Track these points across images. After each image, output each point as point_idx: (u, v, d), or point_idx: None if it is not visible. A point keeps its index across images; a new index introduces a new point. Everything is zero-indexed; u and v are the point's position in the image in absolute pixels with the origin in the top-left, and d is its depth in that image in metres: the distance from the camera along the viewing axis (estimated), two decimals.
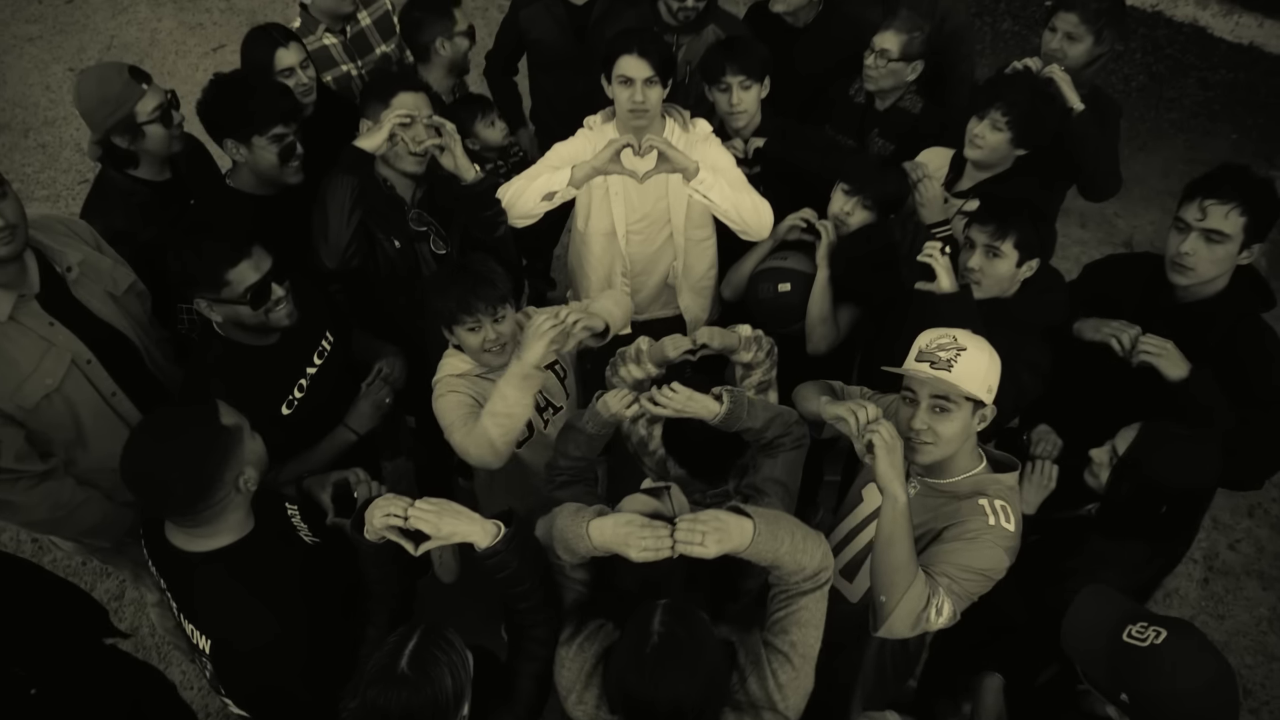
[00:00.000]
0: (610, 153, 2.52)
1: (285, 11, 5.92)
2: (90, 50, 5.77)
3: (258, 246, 2.14)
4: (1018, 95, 2.58)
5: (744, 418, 2.00)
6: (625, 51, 2.49)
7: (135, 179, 2.57)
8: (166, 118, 2.50)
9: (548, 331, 2.08)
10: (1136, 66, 5.40)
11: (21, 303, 2.14)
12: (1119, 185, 2.92)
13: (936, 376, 1.90)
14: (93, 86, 2.48)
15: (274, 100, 2.51)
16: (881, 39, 2.88)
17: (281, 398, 2.30)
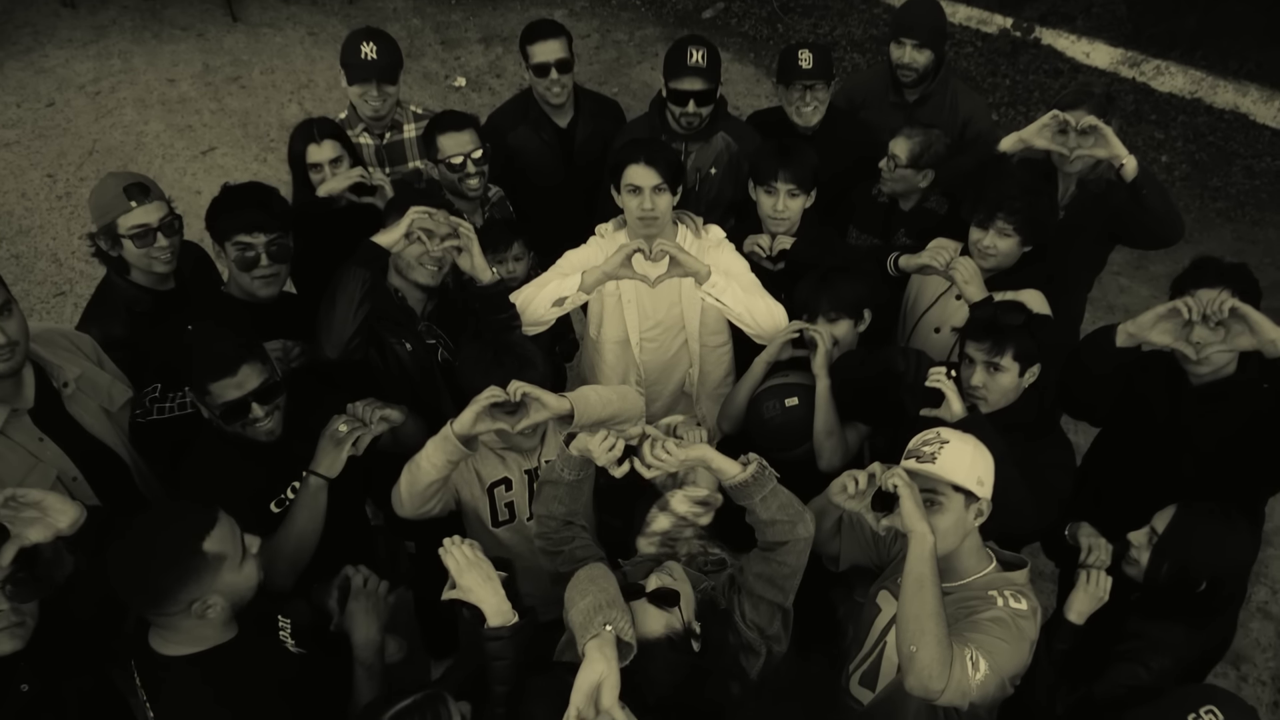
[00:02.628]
0: (622, 257, 2.72)
1: (280, 113, 6.36)
2: (71, 155, 6.09)
3: (248, 364, 2.30)
4: (1018, 201, 2.83)
5: (758, 497, 2.07)
6: (632, 160, 2.74)
7: (138, 286, 2.79)
8: (145, 238, 2.71)
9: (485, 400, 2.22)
10: (1179, 155, 5.72)
11: (13, 417, 2.32)
12: (1183, 224, 3.14)
13: (921, 469, 2.08)
14: (98, 187, 2.79)
15: (239, 209, 2.71)
16: (894, 144, 3.18)
17: (271, 496, 2.44)
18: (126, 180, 2.75)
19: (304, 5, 7.34)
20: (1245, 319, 2.29)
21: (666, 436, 2.10)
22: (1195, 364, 2.42)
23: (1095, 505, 2.56)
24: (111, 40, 7.01)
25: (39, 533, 1.98)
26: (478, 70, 6.78)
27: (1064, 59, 6.38)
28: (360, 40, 3.29)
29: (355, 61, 3.27)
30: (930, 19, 3.54)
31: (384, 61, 3.28)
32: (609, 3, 7.42)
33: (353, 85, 3.29)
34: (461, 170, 3.13)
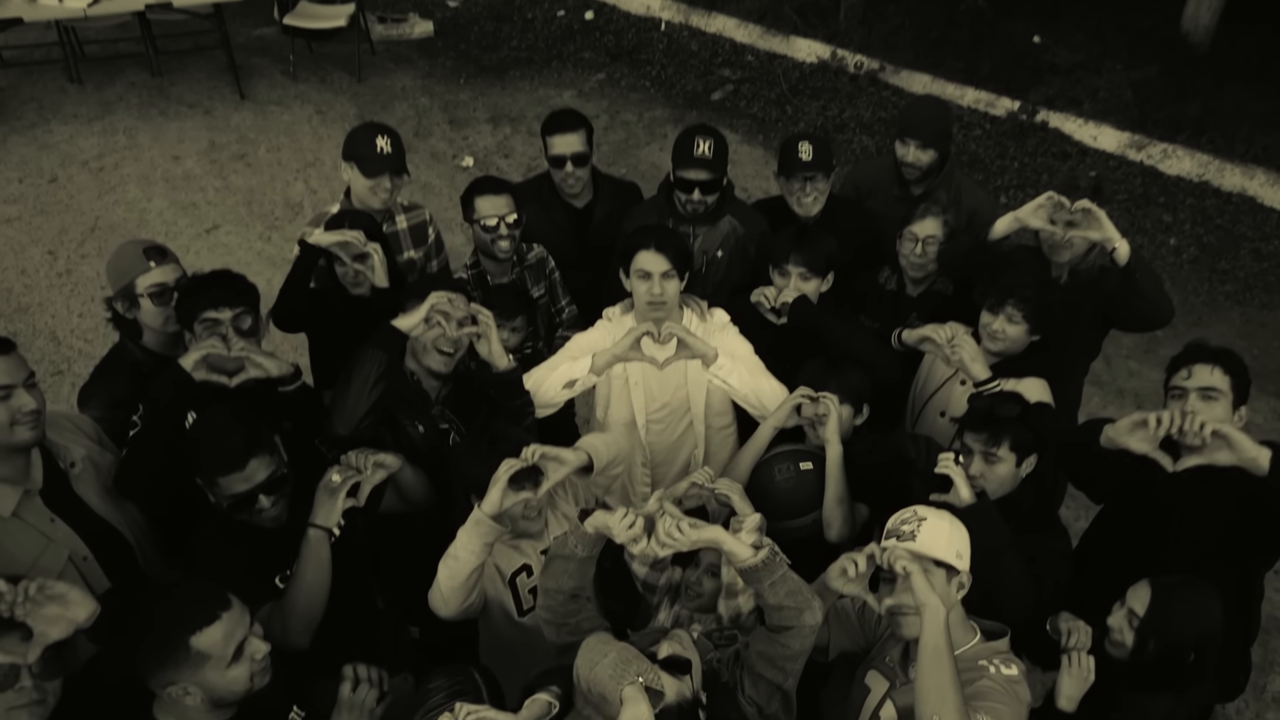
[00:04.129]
0: (631, 340, 2.96)
1: (286, 191, 6.67)
2: (73, 232, 6.34)
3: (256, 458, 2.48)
4: (1027, 289, 3.05)
5: (767, 582, 2.20)
6: (643, 247, 2.99)
7: (147, 350, 3.00)
8: (162, 297, 2.96)
9: (504, 473, 2.40)
10: (1187, 237, 6.00)
11: (25, 498, 2.49)
12: (1172, 305, 3.35)
13: (905, 548, 2.30)
14: (115, 253, 3.05)
15: (204, 288, 2.89)
16: (921, 227, 3.41)
17: (276, 571, 2.60)
18: (145, 244, 3.03)
19: (312, 83, 7.72)
20: (1226, 439, 2.46)
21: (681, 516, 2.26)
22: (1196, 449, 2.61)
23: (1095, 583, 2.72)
24: (117, 116, 7.35)
25: (60, 630, 2.11)
26: (485, 150, 7.12)
27: (1071, 142, 6.73)
28: (375, 134, 3.50)
29: (370, 155, 3.47)
30: (934, 121, 3.79)
31: (397, 154, 3.52)
32: (618, 84, 7.82)
33: (368, 179, 3.49)
34: (494, 232, 3.47)
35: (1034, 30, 7.33)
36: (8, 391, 2.37)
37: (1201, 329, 5.33)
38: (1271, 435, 4.80)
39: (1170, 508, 2.71)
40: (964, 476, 2.69)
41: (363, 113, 7.40)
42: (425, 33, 8.35)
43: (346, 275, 3.24)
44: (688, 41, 8.07)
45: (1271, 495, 2.45)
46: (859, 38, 7.61)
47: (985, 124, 7.01)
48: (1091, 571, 2.89)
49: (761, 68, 7.75)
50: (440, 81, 7.86)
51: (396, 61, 8.04)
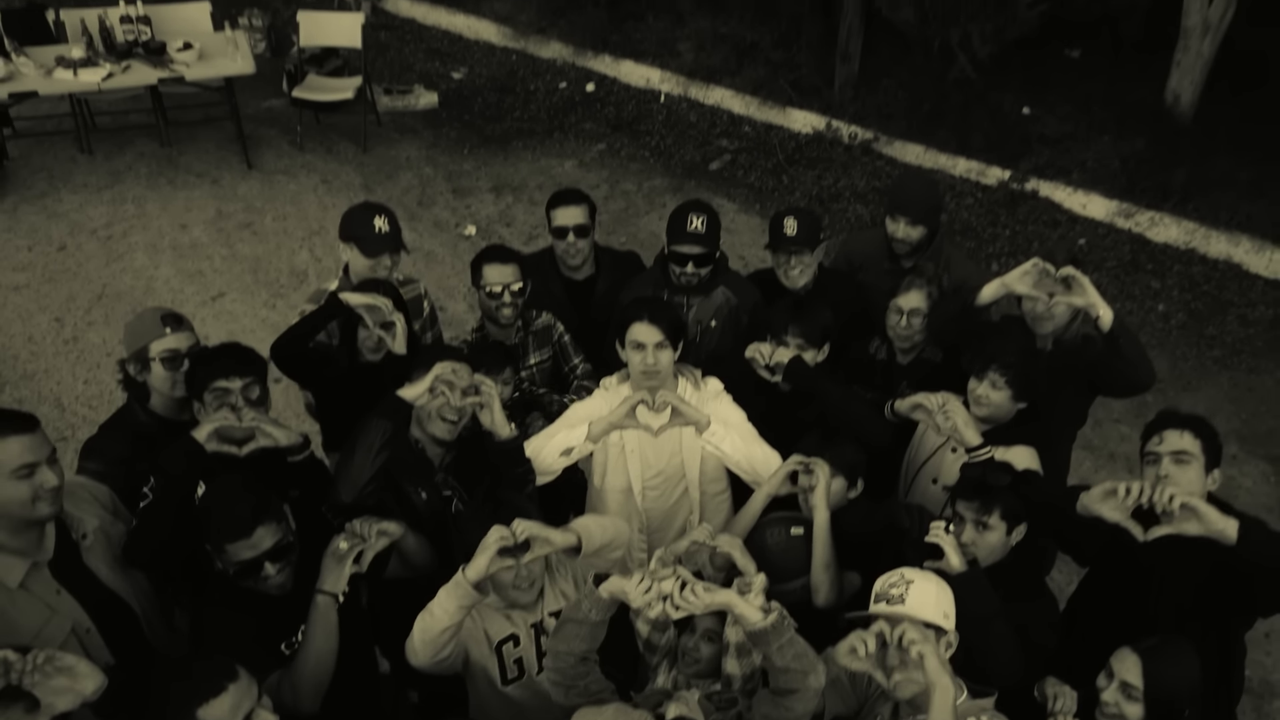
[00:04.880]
0: (626, 408, 3.11)
1: (291, 260, 6.86)
2: (80, 300, 6.50)
3: (264, 526, 2.60)
4: (1010, 356, 3.19)
5: (775, 645, 2.29)
6: (637, 319, 3.15)
7: (152, 414, 3.16)
8: (174, 362, 3.12)
9: (493, 542, 2.50)
10: (1175, 304, 6.17)
11: (34, 570, 2.58)
12: (1154, 370, 3.48)
13: (893, 611, 2.40)
14: (136, 318, 3.27)
15: (214, 359, 3.07)
16: (906, 300, 3.56)
17: (282, 638, 2.70)
18: (164, 311, 3.23)
19: (319, 154, 7.96)
20: (1194, 511, 2.58)
21: (694, 579, 2.36)
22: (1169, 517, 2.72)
23: (1082, 645, 2.81)
24: (126, 185, 7.56)
25: (67, 702, 2.19)
26: (488, 219, 7.33)
27: (1061, 210, 6.95)
28: (372, 215, 3.67)
29: (370, 235, 3.63)
30: (923, 197, 3.97)
31: (394, 232, 3.70)
32: (619, 154, 8.06)
33: (368, 259, 3.64)
34: (499, 299, 3.65)
35: (1023, 102, 7.59)
36: (31, 469, 2.48)
37: (1191, 394, 5.47)
38: (1260, 498, 4.99)
39: (1149, 572, 2.81)
40: (954, 545, 2.79)
41: (368, 182, 7.64)
42: (430, 104, 8.62)
43: (367, 340, 3.41)
44: (686, 113, 8.35)
45: (1240, 564, 2.56)
46: (853, 109, 7.88)
47: (977, 193, 7.23)
48: (1079, 634, 2.99)
49: (758, 138, 8.01)
50: (444, 151, 8.10)
51: (401, 132, 8.30)
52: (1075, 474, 4.25)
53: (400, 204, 7.30)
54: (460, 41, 9.48)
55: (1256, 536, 2.56)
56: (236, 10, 9.32)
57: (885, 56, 7.97)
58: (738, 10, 8.67)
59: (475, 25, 9.50)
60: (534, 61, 9.08)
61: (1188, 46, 6.95)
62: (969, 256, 6.61)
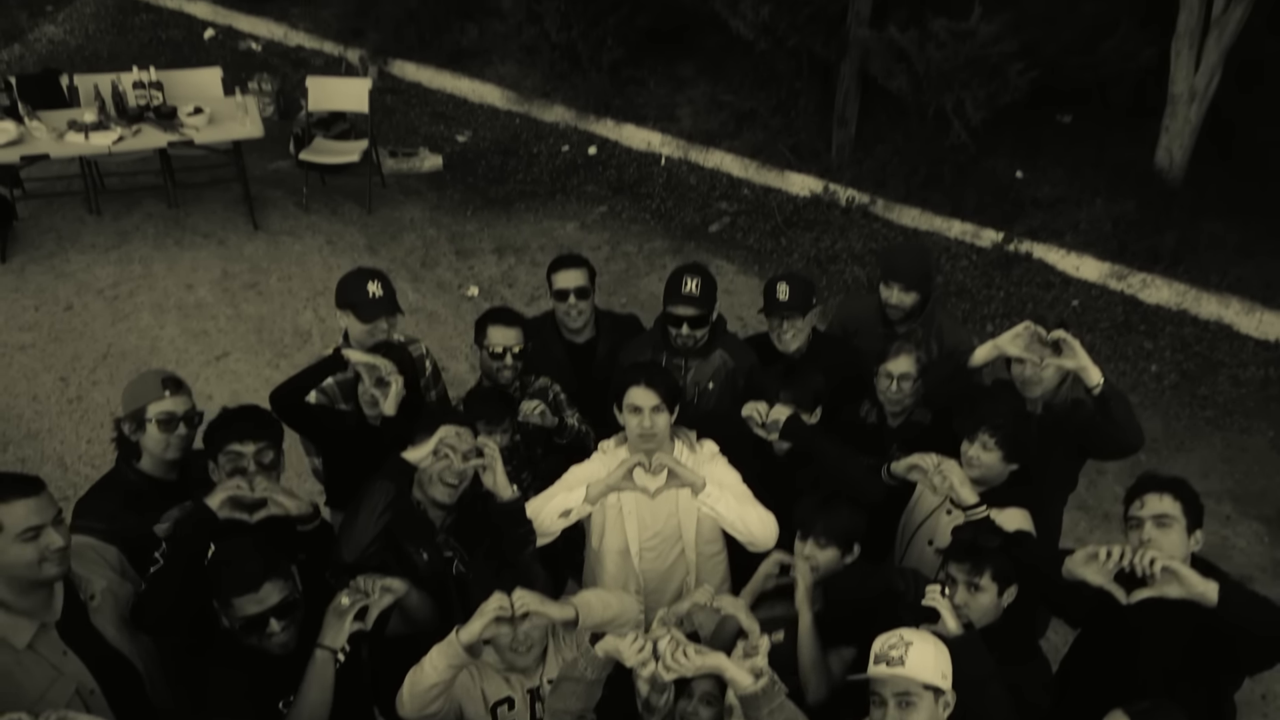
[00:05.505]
0: (624, 471, 3.21)
1: (295, 320, 6.99)
2: (85, 359, 6.61)
3: (271, 582, 2.69)
4: (1000, 418, 3.29)
5: (765, 710, 2.35)
6: (634, 383, 3.27)
7: (141, 474, 3.25)
8: (169, 424, 3.23)
9: (491, 609, 2.57)
10: (1167, 365, 6.29)
11: (42, 631, 2.64)
12: (1143, 432, 3.58)
13: (894, 674, 2.46)
14: (136, 379, 3.37)
15: (231, 422, 3.18)
16: (895, 365, 3.67)
17: (280, 697, 2.76)
18: (165, 374, 3.34)
19: (324, 215, 8.14)
20: (1174, 574, 2.66)
21: (686, 641, 2.43)
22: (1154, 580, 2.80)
23: (1075, 706, 2.88)
24: (134, 246, 7.71)
25: None
26: (490, 280, 7.48)
27: (1055, 272, 7.11)
28: (365, 281, 3.75)
29: (364, 301, 3.71)
30: (916, 265, 4.11)
31: (388, 296, 3.78)
32: (620, 216, 8.25)
33: (364, 324, 3.72)
34: (500, 360, 3.79)
35: (1016, 166, 7.80)
36: (37, 531, 2.56)
37: (1184, 454, 5.56)
38: (1254, 558, 5.06)
39: (1136, 634, 2.88)
40: (950, 608, 2.87)
41: (372, 243, 7.81)
42: (434, 166, 8.83)
43: (364, 395, 3.54)
44: (686, 176, 8.56)
45: (1223, 625, 2.63)
46: (850, 173, 8.08)
47: (971, 255, 7.39)
48: (1072, 696, 3.05)
49: (757, 201, 8.21)
50: (448, 213, 8.28)
51: (406, 194, 8.49)
52: (1070, 535, 4.33)
53: (404, 265, 7.47)
54: (465, 105, 9.73)
55: (1237, 598, 2.65)
56: (247, 75, 9.62)
57: (881, 122, 8.19)
58: (737, 77, 8.92)
59: (480, 89, 9.76)
60: (537, 125, 9.32)
61: (1175, 112, 7.17)
62: (964, 318, 6.76)
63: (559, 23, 8.93)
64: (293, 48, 10.59)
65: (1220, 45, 6.84)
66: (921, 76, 7.38)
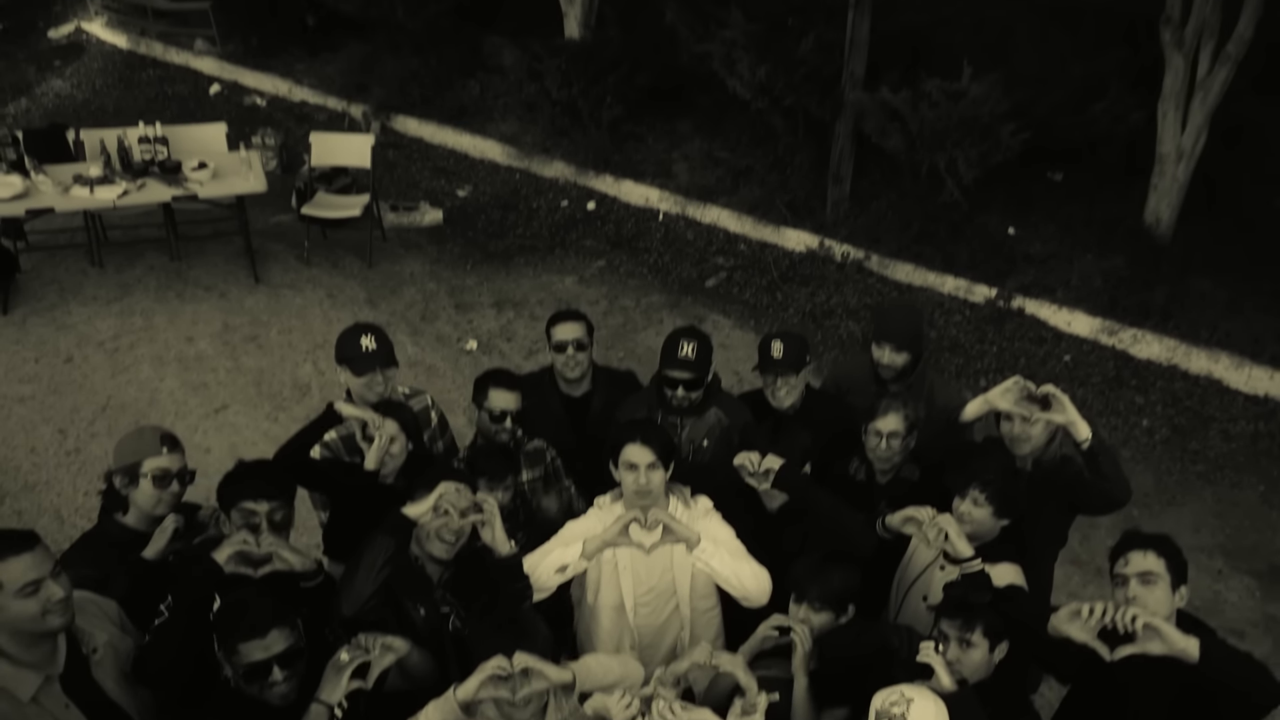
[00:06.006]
0: (620, 526, 3.29)
1: (295, 373, 7.09)
2: (84, 412, 6.68)
3: (278, 629, 2.75)
4: (991, 474, 3.38)
5: None
6: (630, 440, 3.35)
7: (124, 528, 3.31)
8: (163, 481, 3.30)
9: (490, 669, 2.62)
10: (1158, 419, 6.40)
11: (46, 684, 2.69)
12: (1130, 486, 3.66)
13: None
14: (133, 432, 3.44)
15: (248, 478, 3.27)
16: (884, 423, 3.75)
17: None
18: (162, 431, 3.41)
19: (325, 268, 8.27)
20: (1156, 631, 2.73)
21: (675, 699, 2.49)
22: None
23: None
24: (135, 298, 7.82)
25: None
26: (489, 333, 7.59)
27: (1047, 327, 7.24)
28: (359, 335, 3.88)
29: (358, 355, 3.85)
30: (907, 326, 4.22)
31: (383, 349, 3.89)
32: (617, 270, 8.39)
33: (359, 377, 3.86)
34: (499, 423, 3.89)
35: (1008, 222, 7.97)
36: (36, 585, 2.61)
37: (1175, 508, 5.64)
38: (1246, 613, 5.12)
39: (1123, 690, 2.94)
40: (944, 664, 2.92)
41: (372, 297, 7.93)
42: (435, 221, 8.99)
43: None
44: (684, 231, 8.72)
45: (1205, 681, 2.70)
46: (845, 229, 8.24)
47: (965, 310, 7.53)
48: None
49: (753, 256, 8.36)
50: (447, 267, 8.42)
51: (406, 247, 8.63)
52: (1063, 589, 4.39)
53: (403, 318, 7.58)
54: (466, 160, 9.92)
55: (1219, 655, 2.71)
56: (251, 130, 9.83)
57: (875, 179, 8.38)
58: (734, 134, 9.12)
59: (481, 145, 9.96)
60: (537, 180, 9.50)
61: (1163, 171, 7.35)
62: (957, 372, 6.88)
63: (559, 81, 9.16)
64: (296, 103, 10.83)
65: (1205, 107, 7.04)
66: (915, 135, 7.58)
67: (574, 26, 9.57)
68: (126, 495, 3.33)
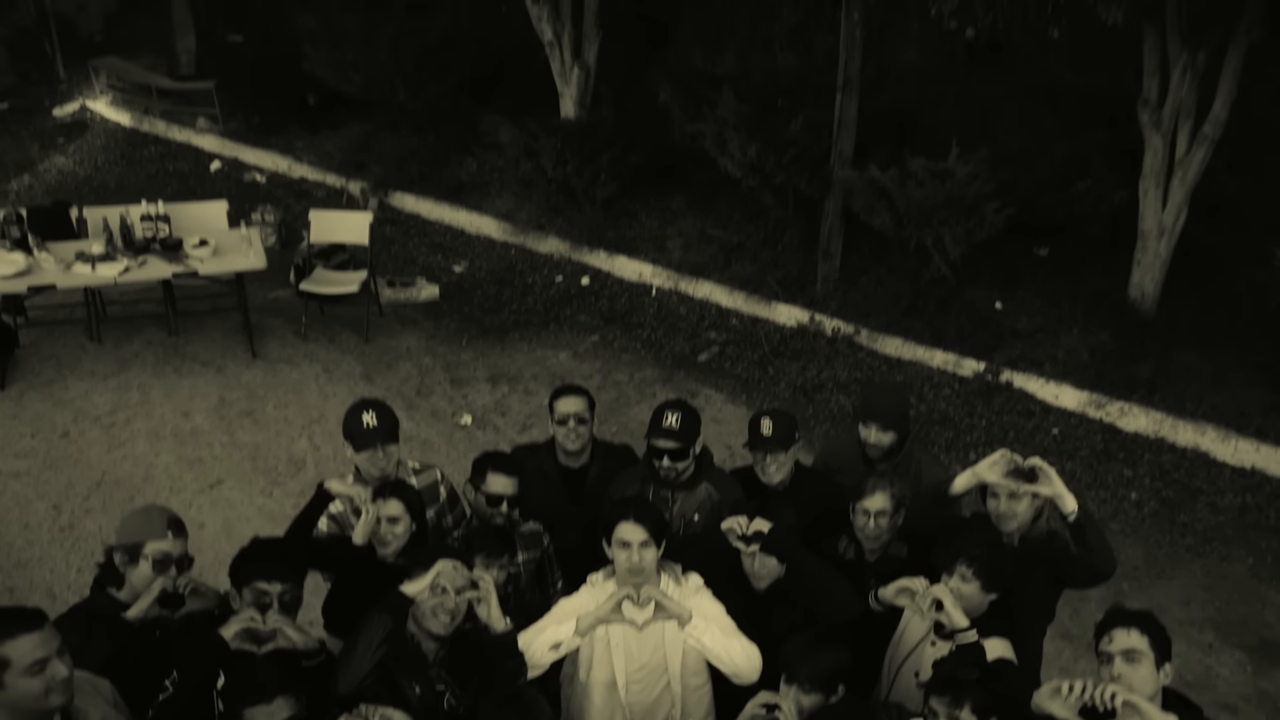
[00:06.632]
0: (612, 604, 3.37)
1: (290, 448, 7.17)
2: (79, 487, 6.72)
3: (284, 697, 2.82)
4: (976, 548, 3.46)
5: None
6: (622, 519, 3.45)
7: (118, 603, 3.35)
8: (163, 565, 3.37)
9: None
10: (1147, 492, 6.49)
11: None
12: (1115, 558, 3.72)
13: None
14: (141, 511, 3.53)
15: (263, 558, 3.36)
16: (871, 501, 3.84)
17: None
18: (170, 515, 3.48)
19: (322, 343, 8.40)
20: (1135, 709, 2.80)
21: None
22: None
23: None
24: (133, 373, 7.90)
25: None
26: (484, 408, 7.69)
27: (1035, 401, 7.38)
28: (361, 411, 4.03)
29: (359, 431, 4.00)
30: (893, 406, 4.34)
31: (384, 426, 4.02)
32: (611, 345, 8.53)
33: (360, 453, 4.00)
34: (496, 506, 3.97)
35: (995, 297, 8.16)
36: (43, 664, 2.66)
37: (1165, 582, 5.71)
38: (1238, 687, 5.17)
39: None
40: None
41: (368, 372, 8.05)
42: (431, 296, 9.15)
43: None
44: (677, 306, 8.90)
45: None
46: (835, 304, 8.43)
47: (954, 384, 7.67)
48: None
49: (745, 331, 8.52)
50: (443, 342, 8.55)
51: (403, 323, 8.78)
52: (1055, 664, 4.44)
53: (399, 393, 7.68)
54: (462, 236, 10.14)
55: None
56: (250, 206, 10.06)
57: (865, 255, 8.60)
58: (726, 211, 9.37)
59: (477, 221, 10.18)
60: (532, 256, 9.70)
61: (1146, 247, 7.57)
62: (947, 446, 6.98)
63: (555, 158, 9.42)
64: (296, 179, 11.09)
65: (1185, 185, 7.28)
66: (902, 213, 7.80)
67: (570, 106, 9.88)
68: (124, 572, 3.40)
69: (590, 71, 9.77)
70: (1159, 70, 7.10)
